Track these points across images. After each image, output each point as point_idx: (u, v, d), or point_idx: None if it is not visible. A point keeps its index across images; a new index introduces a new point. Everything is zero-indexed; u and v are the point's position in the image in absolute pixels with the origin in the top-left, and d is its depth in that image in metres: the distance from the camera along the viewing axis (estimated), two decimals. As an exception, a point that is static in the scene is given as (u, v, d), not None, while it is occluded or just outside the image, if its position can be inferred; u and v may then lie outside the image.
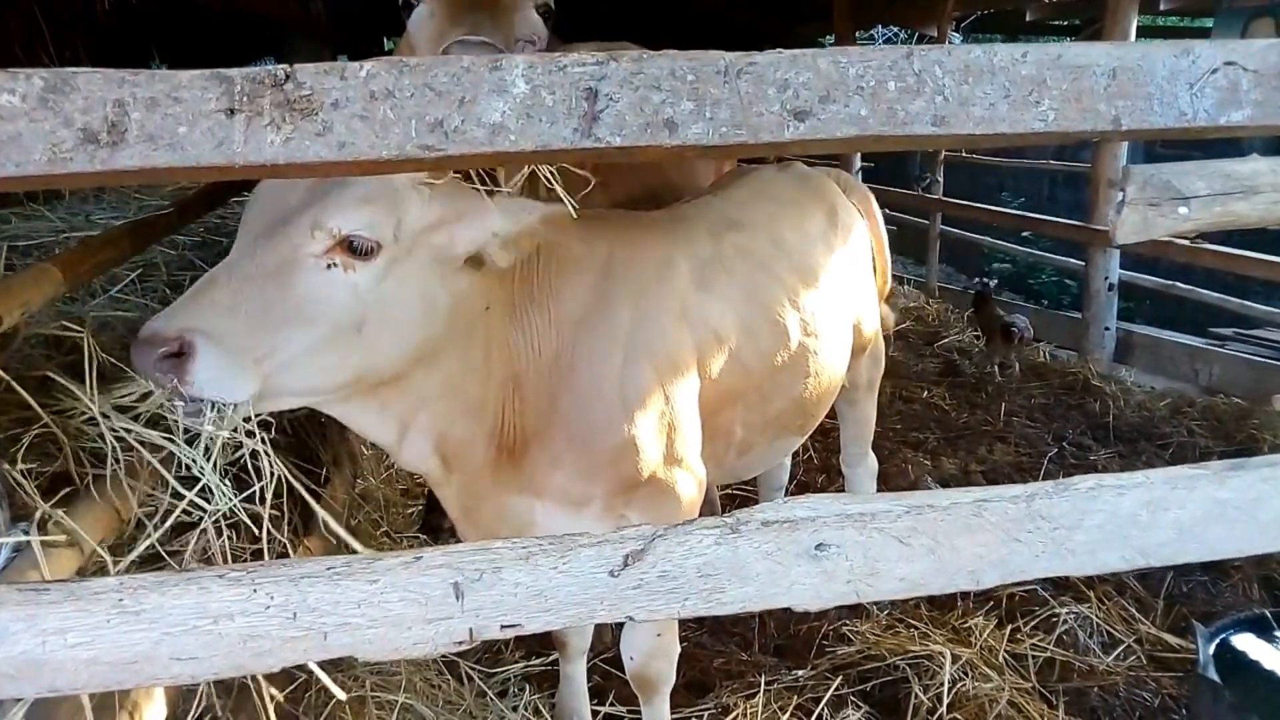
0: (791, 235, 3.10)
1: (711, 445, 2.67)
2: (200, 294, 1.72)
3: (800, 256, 3.07)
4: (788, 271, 2.95)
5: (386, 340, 1.90)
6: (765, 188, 3.32)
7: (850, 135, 1.35)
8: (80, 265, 1.81)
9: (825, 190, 3.51)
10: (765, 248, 2.94)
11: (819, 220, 3.31)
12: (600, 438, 2.34)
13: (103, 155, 1.16)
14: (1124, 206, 1.54)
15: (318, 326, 1.78)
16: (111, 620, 1.20)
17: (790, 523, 1.40)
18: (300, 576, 1.25)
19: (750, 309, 2.75)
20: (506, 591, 1.32)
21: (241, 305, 1.71)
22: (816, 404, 3.09)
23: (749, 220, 2.99)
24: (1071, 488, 1.51)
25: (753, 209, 3.08)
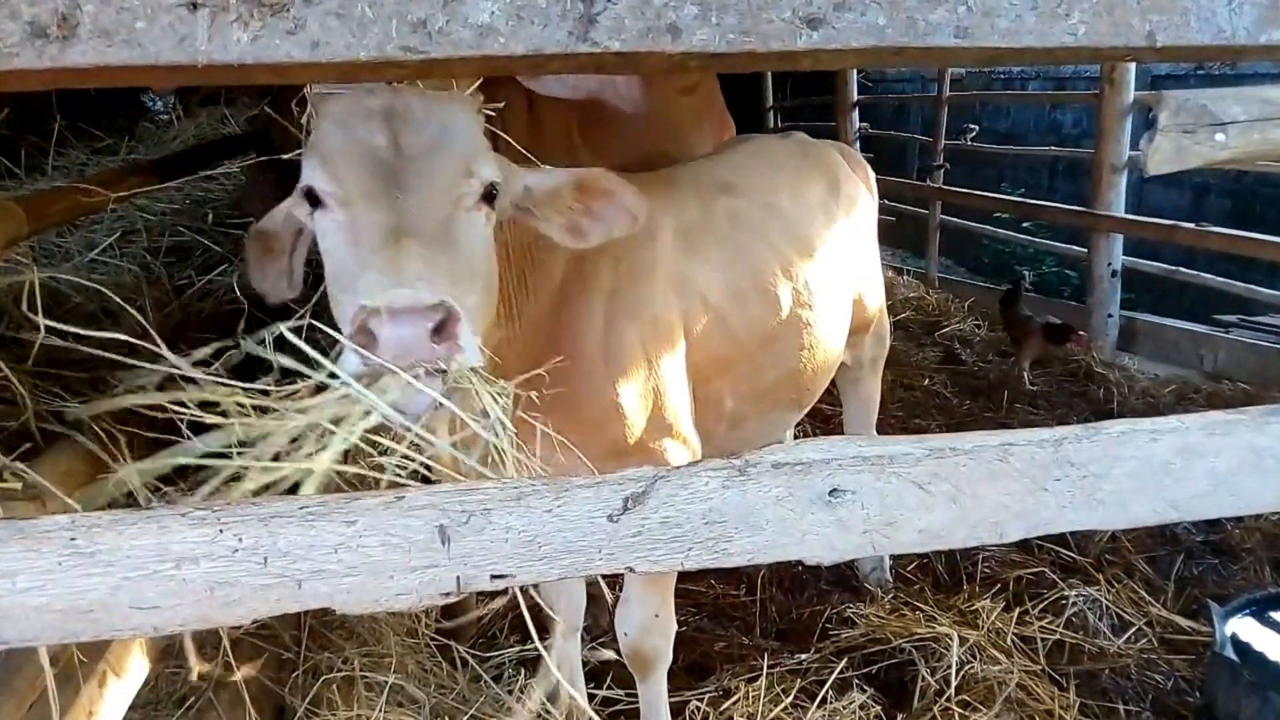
0: (788, 202, 3.00)
1: (701, 416, 2.59)
2: (405, 257, 1.56)
3: (796, 224, 2.97)
4: (782, 239, 2.85)
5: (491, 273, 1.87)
6: (763, 153, 3.22)
7: (866, 45, 1.25)
8: (47, 207, 1.70)
9: (828, 160, 3.41)
10: (758, 213, 2.84)
11: (819, 189, 3.21)
12: (584, 402, 2.26)
13: (52, 51, 1.06)
14: (1157, 134, 1.44)
15: (486, 273, 1.79)
16: (63, 563, 1.10)
17: (802, 465, 1.30)
18: (270, 516, 1.14)
19: (739, 275, 2.66)
20: (497, 536, 1.22)
21: (449, 263, 1.62)
22: (813, 377, 2.99)
23: (742, 184, 2.89)
24: (1102, 431, 1.41)
25: (747, 173, 2.98)
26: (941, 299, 8.46)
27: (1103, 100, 6.72)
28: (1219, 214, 8.13)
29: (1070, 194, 8.90)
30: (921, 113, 11.39)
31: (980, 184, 9.35)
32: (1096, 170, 6.88)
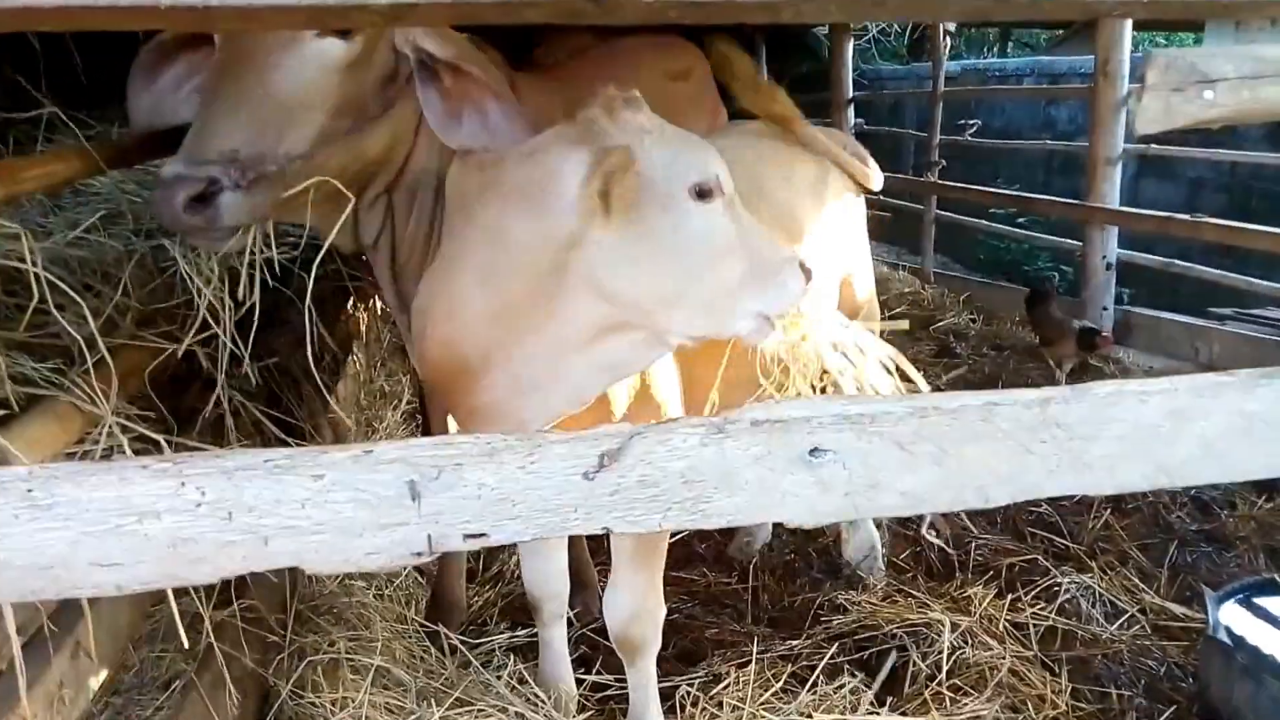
0: (775, 183, 2.97)
1: (690, 402, 2.55)
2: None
3: (786, 206, 2.94)
4: (771, 218, 2.82)
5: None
6: (751, 137, 3.20)
7: (849, -6, 1.23)
8: (21, 173, 1.67)
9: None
10: (747, 194, 2.81)
11: (808, 173, 3.19)
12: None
13: (9, -13, 1.03)
14: (1145, 92, 1.42)
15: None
16: (20, 515, 1.07)
17: (782, 423, 1.27)
18: (235, 469, 1.11)
19: None
20: (469, 493, 1.19)
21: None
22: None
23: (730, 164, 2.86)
24: (1090, 392, 1.38)
25: (733, 154, 2.95)
26: (936, 294, 8.45)
27: (1096, 94, 6.71)
28: (1214, 208, 8.11)
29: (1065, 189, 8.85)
30: (916, 109, 11.37)
31: (976, 179, 9.32)
32: (1091, 163, 6.86)
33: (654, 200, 1.91)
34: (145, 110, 2.41)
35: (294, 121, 2.17)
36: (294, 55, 2.16)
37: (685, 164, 1.96)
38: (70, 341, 1.89)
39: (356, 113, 2.29)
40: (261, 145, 2.11)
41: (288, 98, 2.15)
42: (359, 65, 2.26)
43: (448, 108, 2.25)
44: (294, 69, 2.16)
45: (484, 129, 2.22)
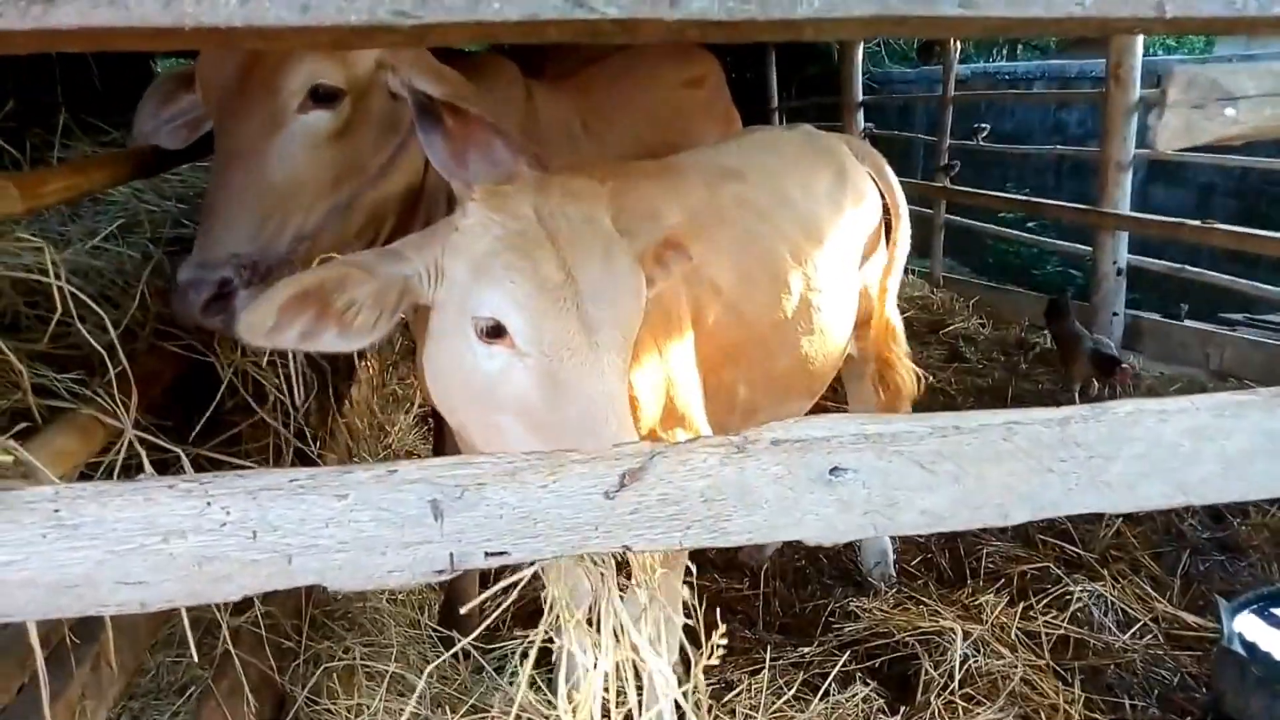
0: (795, 189, 2.97)
1: (714, 405, 2.55)
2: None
3: (804, 211, 2.95)
4: (790, 224, 2.83)
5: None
6: (769, 142, 3.20)
7: (869, 14, 1.23)
8: (41, 186, 1.68)
9: (834, 150, 3.39)
10: (766, 199, 2.82)
11: (826, 178, 3.19)
12: None
13: (36, 11, 1.03)
14: (1166, 110, 1.42)
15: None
16: (47, 535, 1.08)
17: (802, 442, 1.27)
18: (259, 489, 1.12)
19: (749, 260, 2.63)
20: (491, 512, 1.20)
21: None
22: (822, 364, 2.97)
23: (749, 171, 2.86)
24: (1109, 411, 1.38)
25: (753, 160, 2.96)
26: (946, 298, 8.45)
27: (1108, 98, 6.68)
28: (1225, 213, 8.07)
29: (1075, 194, 8.84)
30: (926, 113, 11.35)
31: (985, 183, 9.30)
32: (1102, 168, 6.84)
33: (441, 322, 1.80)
34: (147, 133, 2.46)
35: (295, 206, 2.17)
36: (282, 140, 2.15)
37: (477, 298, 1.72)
38: (92, 352, 1.90)
39: (359, 173, 2.29)
40: (265, 239, 2.12)
41: (283, 184, 2.15)
42: (352, 128, 2.25)
43: (452, 149, 2.22)
44: (284, 153, 2.16)
45: (491, 166, 2.19)
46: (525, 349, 1.67)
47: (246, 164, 2.13)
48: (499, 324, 1.67)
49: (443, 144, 2.22)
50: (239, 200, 2.11)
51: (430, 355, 1.83)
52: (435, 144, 2.23)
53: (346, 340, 1.73)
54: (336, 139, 2.23)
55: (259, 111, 2.14)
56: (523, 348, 1.67)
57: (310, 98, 2.17)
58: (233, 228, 2.10)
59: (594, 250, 1.75)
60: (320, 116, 2.19)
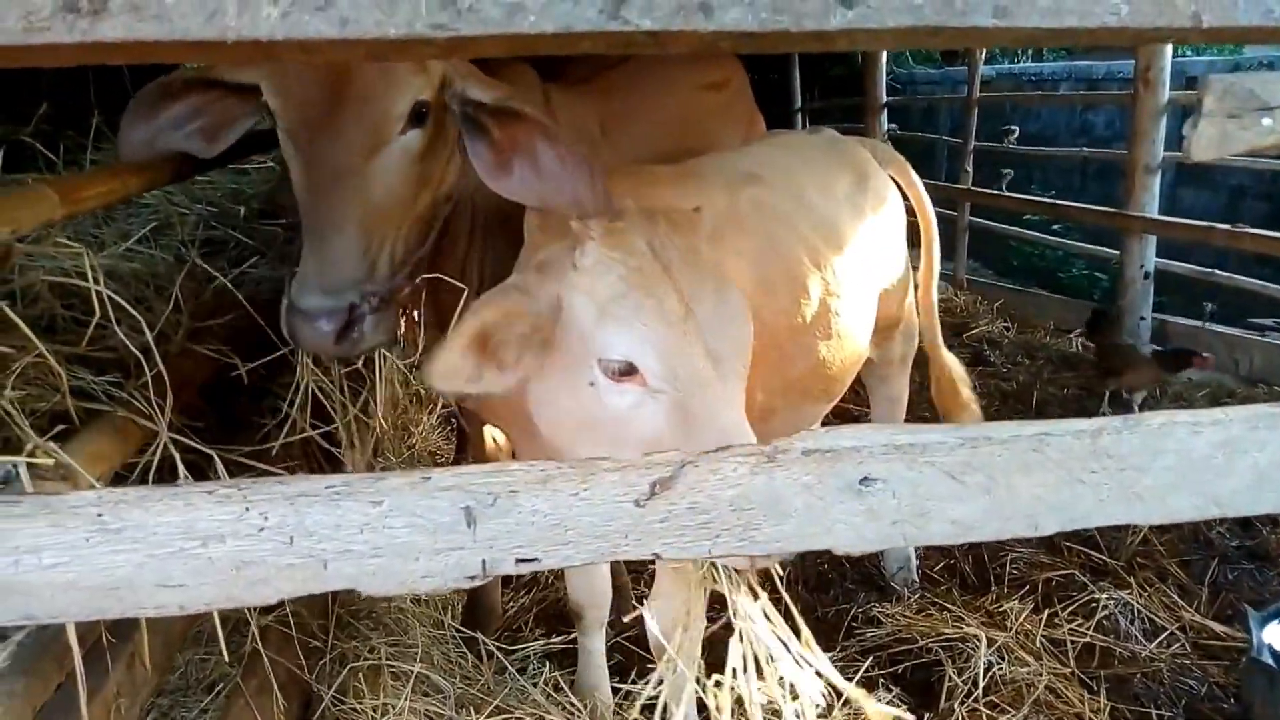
0: (815, 193, 2.97)
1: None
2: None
3: (823, 215, 2.94)
4: (809, 229, 2.82)
5: None
6: (789, 147, 3.21)
7: (903, 25, 1.23)
8: (79, 191, 1.71)
9: (855, 155, 3.38)
10: (785, 203, 2.81)
11: (846, 182, 3.18)
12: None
13: (83, 25, 1.06)
14: (1201, 119, 1.41)
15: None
16: (91, 539, 1.10)
17: (833, 453, 1.28)
18: (297, 495, 1.14)
19: (768, 265, 2.63)
20: (523, 519, 1.21)
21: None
22: (840, 369, 2.96)
23: (769, 175, 2.86)
24: (1142, 423, 1.38)
25: (773, 164, 2.96)
26: (970, 301, 8.39)
27: (1136, 100, 6.61)
28: (1255, 216, 7.97)
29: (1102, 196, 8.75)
30: (951, 114, 11.29)
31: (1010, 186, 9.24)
32: (1129, 171, 6.77)
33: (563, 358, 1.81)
34: (138, 142, 2.35)
35: (394, 225, 2.17)
36: (382, 160, 2.13)
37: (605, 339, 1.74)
38: (127, 354, 1.93)
39: (432, 188, 2.31)
40: (378, 261, 2.13)
41: (385, 204, 2.14)
42: (431, 143, 2.24)
43: (496, 159, 2.22)
44: (385, 173, 2.14)
45: (536, 175, 2.18)
46: (658, 386, 1.70)
47: (349, 185, 2.09)
48: (631, 364, 1.70)
49: (488, 153, 2.22)
50: (349, 222, 2.08)
51: (543, 391, 1.85)
52: (480, 153, 2.22)
53: (503, 380, 1.77)
54: (422, 156, 2.23)
55: (360, 132, 2.10)
56: (656, 386, 1.70)
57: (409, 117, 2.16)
58: (351, 252, 2.09)
59: (705, 282, 1.79)
60: (414, 135, 2.18)
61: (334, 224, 2.08)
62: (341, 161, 2.09)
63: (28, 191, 1.57)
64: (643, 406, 1.71)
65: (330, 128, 2.09)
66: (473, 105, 2.24)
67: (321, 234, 2.10)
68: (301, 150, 2.14)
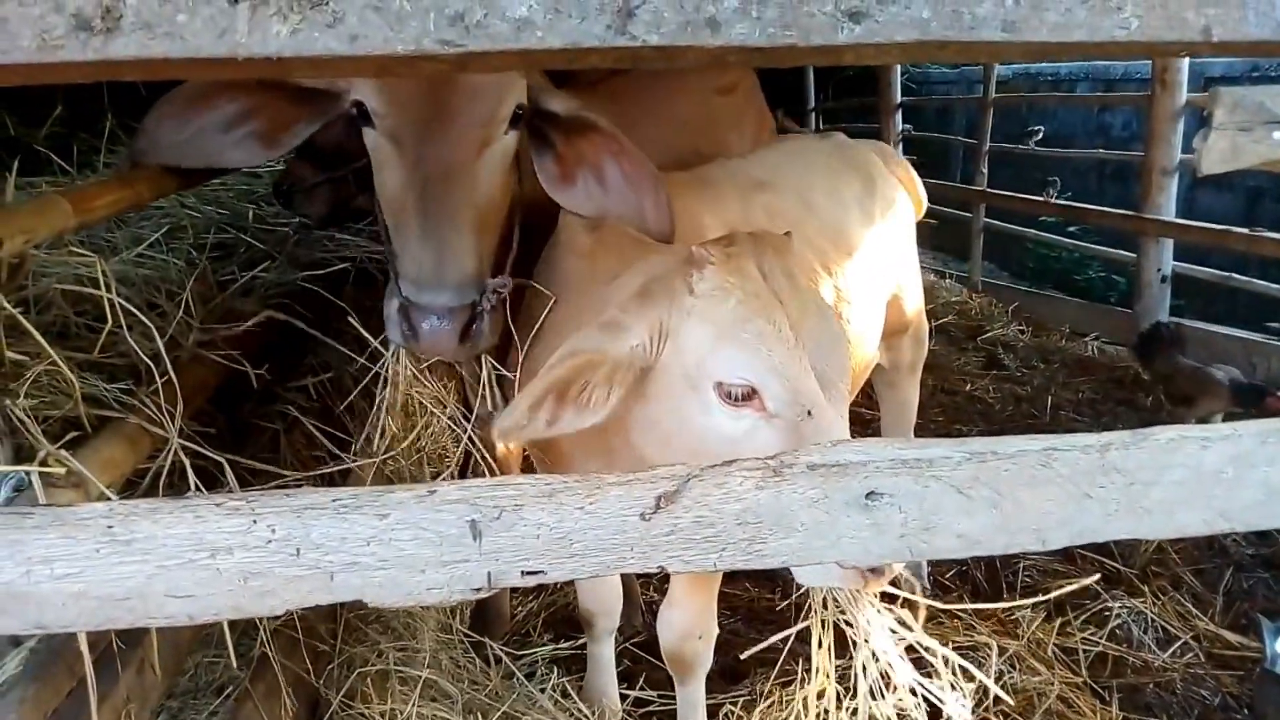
0: (823, 199, 2.97)
1: None
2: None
3: (832, 220, 2.94)
4: (820, 235, 2.82)
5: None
6: (798, 152, 3.20)
7: (910, 40, 1.23)
8: (92, 200, 1.73)
9: (864, 160, 3.37)
10: (795, 209, 2.81)
11: (855, 187, 3.18)
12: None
13: (96, 44, 1.07)
14: (1211, 131, 1.40)
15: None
16: (101, 550, 1.11)
17: (839, 467, 1.28)
18: (304, 508, 1.15)
19: None
20: (528, 533, 1.21)
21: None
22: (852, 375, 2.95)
23: (779, 181, 2.86)
24: (1150, 438, 1.37)
25: (783, 170, 2.96)
26: (984, 303, 8.34)
27: (1154, 102, 6.57)
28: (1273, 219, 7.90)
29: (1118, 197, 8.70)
30: (966, 114, 11.23)
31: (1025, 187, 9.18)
32: (1146, 173, 6.73)
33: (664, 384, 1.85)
34: (166, 145, 2.26)
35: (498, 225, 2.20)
36: (486, 160, 2.15)
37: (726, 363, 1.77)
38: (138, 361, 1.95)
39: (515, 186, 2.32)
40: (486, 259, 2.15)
41: (487, 204, 2.16)
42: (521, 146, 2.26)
43: (561, 171, 2.24)
44: (489, 174, 2.15)
45: (601, 189, 2.20)
46: (777, 410, 1.73)
47: (462, 182, 2.10)
48: (753, 388, 1.74)
49: (552, 164, 2.24)
50: (464, 219, 2.09)
51: (648, 416, 1.88)
52: (546, 165, 2.25)
53: (582, 418, 1.79)
54: (512, 159, 2.26)
55: (471, 130, 2.11)
56: (774, 409, 1.74)
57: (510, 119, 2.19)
58: (470, 249, 2.09)
59: (809, 305, 1.84)
60: (512, 137, 2.20)
61: (450, 221, 2.07)
62: (453, 159, 2.09)
63: (41, 201, 1.58)
64: (757, 431, 1.74)
65: (440, 127, 2.08)
66: (542, 115, 2.25)
67: (437, 232, 2.08)
68: (406, 151, 2.12)
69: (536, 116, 2.26)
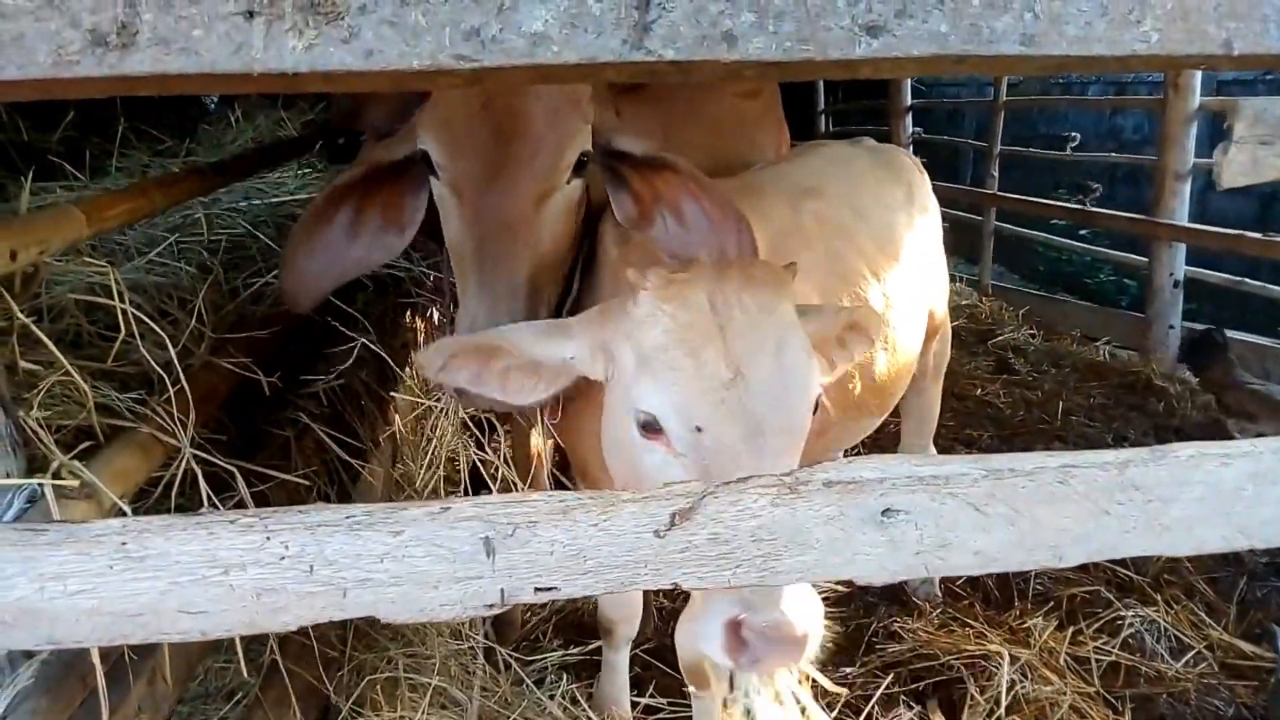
0: (872, 205, 2.96)
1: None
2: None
3: (881, 226, 2.93)
4: (869, 241, 2.81)
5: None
6: (840, 158, 3.20)
7: (928, 54, 1.22)
8: (106, 210, 1.73)
9: (902, 165, 3.38)
10: (845, 216, 2.80)
11: (898, 193, 3.18)
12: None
13: (111, 59, 1.07)
14: (1231, 145, 1.38)
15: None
16: (114, 566, 1.11)
17: (855, 484, 1.27)
18: (317, 525, 1.14)
19: (831, 280, 2.61)
20: (542, 550, 1.21)
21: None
22: (895, 381, 2.93)
23: (828, 188, 2.86)
24: (1170, 455, 1.36)
25: (831, 177, 2.95)
26: (995, 307, 8.32)
27: (1167, 106, 6.54)
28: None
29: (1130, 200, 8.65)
30: (976, 117, 11.19)
31: (1035, 189, 9.13)
32: (1159, 177, 6.70)
33: (610, 400, 1.83)
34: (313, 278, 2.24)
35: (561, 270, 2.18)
36: (550, 208, 2.12)
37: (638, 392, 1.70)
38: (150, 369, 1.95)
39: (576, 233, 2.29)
40: (541, 305, 2.13)
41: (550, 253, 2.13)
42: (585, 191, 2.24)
43: (639, 210, 2.19)
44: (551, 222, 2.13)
45: (680, 226, 2.16)
46: (681, 450, 1.63)
47: (520, 234, 2.07)
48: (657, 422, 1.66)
49: (630, 203, 2.20)
50: (520, 271, 2.07)
51: (604, 424, 1.87)
52: (624, 204, 2.20)
53: (508, 395, 1.79)
54: (578, 204, 2.23)
55: (531, 182, 2.08)
56: (678, 449, 1.64)
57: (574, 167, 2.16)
58: (519, 303, 2.05)
59: (766, 343, 1.68)
60: (577, 184, 2.18)
61: (506, 274, 2.05)
62: (513, 211, 2.06)
63: (56, 212, 1.59)
64: (668, 467, 1.65)
65: (501, 179, 2.06)
66: (616, 155, 2.20)
67: (493, 286, 2.06)
68: (467, 202, 2.10)
69: (610, 156, 2.22)
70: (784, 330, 1.72)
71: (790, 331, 1.73)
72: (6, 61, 1.05)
